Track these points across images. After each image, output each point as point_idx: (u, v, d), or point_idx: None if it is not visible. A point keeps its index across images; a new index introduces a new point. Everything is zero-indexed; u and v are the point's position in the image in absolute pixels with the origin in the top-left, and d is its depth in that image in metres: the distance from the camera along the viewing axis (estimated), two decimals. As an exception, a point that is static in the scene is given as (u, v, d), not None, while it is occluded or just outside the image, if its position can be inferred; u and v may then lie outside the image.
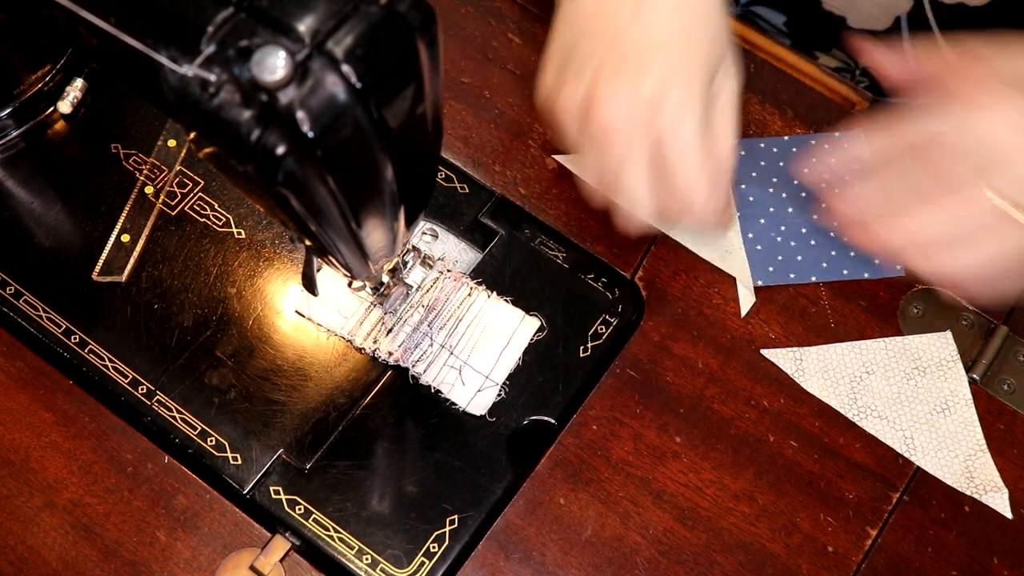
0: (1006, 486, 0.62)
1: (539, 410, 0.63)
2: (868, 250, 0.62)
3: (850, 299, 0.67)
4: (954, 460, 0.62)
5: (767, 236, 0.68)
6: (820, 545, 0.61)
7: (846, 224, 0.60)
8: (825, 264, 0.68)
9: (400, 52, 0.41)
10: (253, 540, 0.60)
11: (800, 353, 0.65)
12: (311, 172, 0.41)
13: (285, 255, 0.67)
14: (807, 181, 0.66)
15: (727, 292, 0.67)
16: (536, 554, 0.60)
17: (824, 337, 0.66)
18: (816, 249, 0.68)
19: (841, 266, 0.68)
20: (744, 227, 0.69)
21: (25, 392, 0.63)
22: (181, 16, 0.40)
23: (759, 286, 0.67)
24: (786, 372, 0.65)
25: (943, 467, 0.62)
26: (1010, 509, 0.62)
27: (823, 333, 0.66)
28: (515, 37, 0.75)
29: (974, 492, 0.62)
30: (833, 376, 0.65)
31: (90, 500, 0.61)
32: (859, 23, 0.81)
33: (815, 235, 0.68)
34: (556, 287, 0.66)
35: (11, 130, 0.70)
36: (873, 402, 0.64)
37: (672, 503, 0.61)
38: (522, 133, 0.72)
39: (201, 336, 0.64)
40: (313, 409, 0.63)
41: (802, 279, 0.67)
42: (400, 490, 0.61)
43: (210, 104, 0.39)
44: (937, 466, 0.62)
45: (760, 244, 0.68)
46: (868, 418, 0.64)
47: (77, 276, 0.66)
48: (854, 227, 0.59)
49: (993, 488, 0.62)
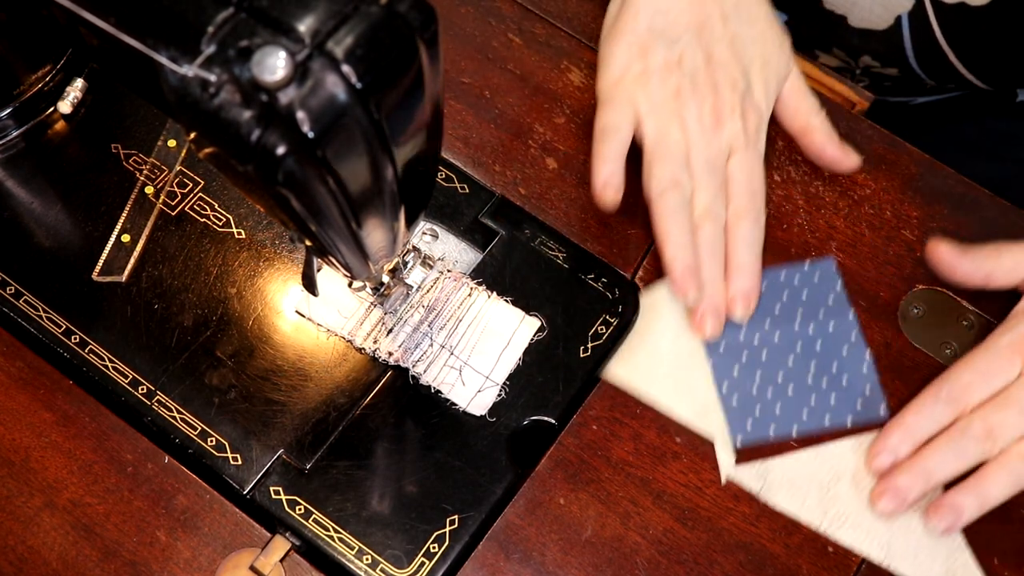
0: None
1: (539, 410, 0.63)
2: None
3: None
4: (933, 563, 0.60)
5: (742, 386, 0.64)
6: (820, 545, 0.61)
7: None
8: (805, 413, 0.63)
9: (400, 52, 0.41)
10: (253, 540, 0.60)
11: (764, 467, 0.62)
12: (311, 172, 0.41)
13: (285, 255, 0.67)
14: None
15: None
16: (536, 554, 0.60)
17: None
18: (794, 398, 0.63)
19: (822, 413, 0.63)
20: (717, 377, 0.64)
21: (25, 392, 0.63)
22: (181, 16, 0.40)
23: (739, 448, 0.62)
24: (751, 491, 0.61)
25: (923, 572, 0.60)
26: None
27: (823, 333, 0.66)
28: (515, 37, 0.75)
29: None
30: (800, 488, 0.61)
31: (90, 500, 0.61)
32: (860, 22, 0.81)
33: (792, 381, 0.64)
34: (556, 287, 0.66)
35: (11, 130, 0.70)
36: (844, 511, 0.61)
37: (672, 503, 0.61)
38: (522, 133, 0.72)
39: (201, 336, 0.64)
40: (313, 409, 0.63)
41: (782, 433, 0.63)
42: (400, 490, 0.61)
43: (210, 104, 0.39)
44: (917, 572, 0.59)
45: (736, 396, 0.64)
46: (842, 528, 0.60)
47: (77, 276, 0.66)
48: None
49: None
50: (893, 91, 0.88)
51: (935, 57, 0.81)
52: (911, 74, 0.84)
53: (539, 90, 0.73)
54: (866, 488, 0.61)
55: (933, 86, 0.86)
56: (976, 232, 0.69)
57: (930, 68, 0.83)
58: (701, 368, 0.64)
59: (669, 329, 0.65)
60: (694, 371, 0.64)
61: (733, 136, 0.66)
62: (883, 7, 0.80)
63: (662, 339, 0.65)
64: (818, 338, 0.65)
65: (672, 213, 0.64)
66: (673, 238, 0.64)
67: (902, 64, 0.83)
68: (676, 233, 0.64)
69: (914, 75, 0.84)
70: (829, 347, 0.65)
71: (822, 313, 0.66)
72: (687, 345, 0.65)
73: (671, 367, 0.64)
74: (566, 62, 0.74)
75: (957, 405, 0.60)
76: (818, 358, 0.65)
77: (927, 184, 0.71)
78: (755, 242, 0.65)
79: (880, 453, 0.60)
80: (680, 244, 0.63)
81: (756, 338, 0.65)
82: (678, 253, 0.63)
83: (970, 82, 0.83)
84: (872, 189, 0.71)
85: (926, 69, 0.83)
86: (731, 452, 0.62)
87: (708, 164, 0.65)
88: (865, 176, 0.71)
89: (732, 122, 0.66)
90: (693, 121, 0.66)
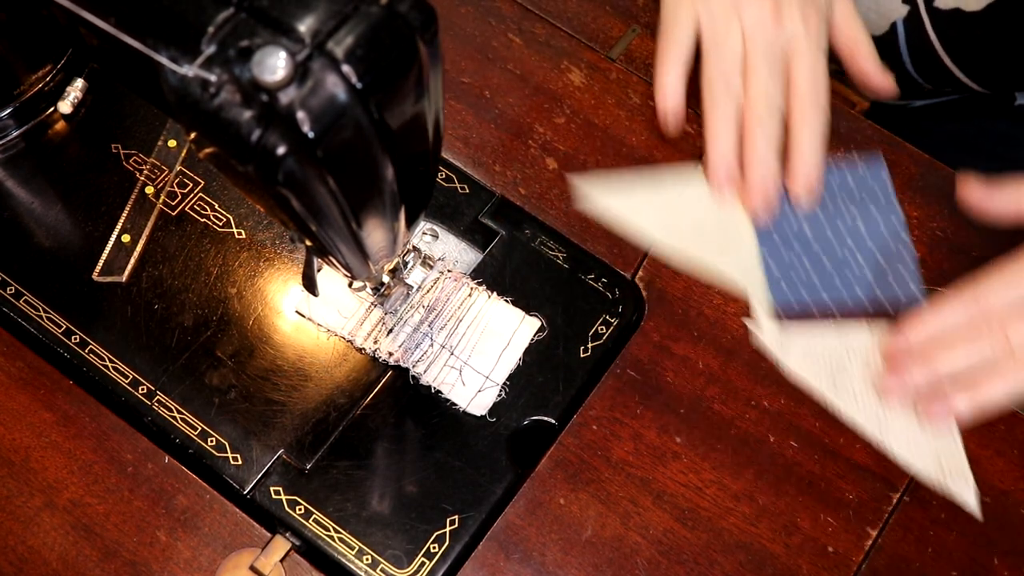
0: (1007, 486, 0.62)
1: (539, 410, 0.63)
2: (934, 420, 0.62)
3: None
4: (923, 447, 0.62)
5: (784, 257, 0.66)
6: (820, 545, 0.61)
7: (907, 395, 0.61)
8: (844, 291, 0.64)
9: (400, 52, 0.41)
10: (253, 540, 0.60)
11: (787, 332, 0.64)
12: (311, 172, 0.41)
13: (285, 255, 0.67)
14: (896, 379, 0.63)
15: (727, 292, 0.67)
16: (536, 554, 0.60)
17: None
18: (833, 275, 0.65)
19: (863, 293, 0.64)
20: (760, 243, 0.66)
21: (25, 392, 0.63)
22: (181, 16, 0.40)
23: (774, 309, 0.64)
24: (769, 353, 0.64)
25: (913, 454, 0.62)
26: (977, 504, 0.61)
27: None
28: (515, 37, 0.75)
29: (940, 477, 0.61)
30: (815, 358, 0.64)
31: (90, 500, 0.61)
32: None
33: (832, 260, 0.65)
34: (556, 287, 0.66)
35: (11, 130, 0.70)
36: (851, 386, 0.63)
37: (672, 503, 0.61)
38: (522, 133, 0.72)
39: (201, 336, 0.64)
40: (313, 409, 0.63)
41: (816, 302, 0.64)
42: (400, 490, 0.61)
43: (210, 104, 0.39)
44: (907, 453, 0.62)
45: (779, 271, 0.65)
46: (845, 401, 0.63)
47: (77, 276, 0.66)
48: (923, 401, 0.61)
49: (960, 476, 0.62)
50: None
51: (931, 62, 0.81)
52: (908, 79, 0.84)
53: (539, 90, 0.73)
54: (876, 369, 0.63)
55: (931, 90, 0.86)
56: (976, 232, 0.69)
57: (927, 73, 0.83)
58: (746, 234, 0.66)
59: (712, 199, 0.66)
60: (739, 236, 0.66)
61: (794, 34, 0.65)
62: (878, 14, 0.80)
63: (707, 207, 0.66)
64: (864, 228, 0.66)
65: (719, 107, 0.64)
66: (718, 135, 0.63)
67: (899, 69, 0.83)
68: (722, 130, 0.63)
69: (911, 80, 0.84)
70: (875, 237, 0.65)
71: (873, 208, 0.66)
72: (732, 214, 0.66)
73: (715, 231, 0.66)
74: (566, 62, 0.74)
75: (979, 307, 0.60)
76: (862, 245, 0.65)
77: (927, 184, 0.71)
78: (820, 130, 0.64)
79: (895, 337, 0.61)
80: (723, 145, 0.63)
81: (803, 221, 0.66)
82: (719, 151, 0.63)
83: (967, 86, 0.83)
84: (872, 189, 0.71)
85: (923, 74, 0.83)
86: (765, 312, 0.64)
87: (766, 57, 0.64)
88: (865, 176, 0.71)
89: (792, 22, 0.65)
90: (752, 18, 0.65)
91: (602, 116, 0.72)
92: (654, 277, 0.67)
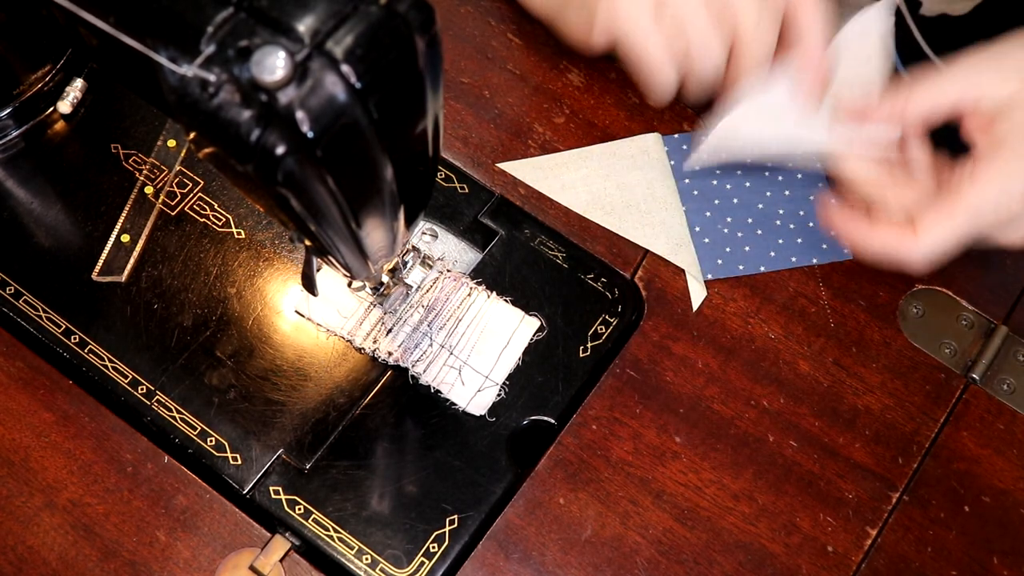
0: (1007, 486, 0.62)
1: (539, 410, 0.63)
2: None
3: (850, 299, 0.67)
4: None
5: (714, 228, 0.69)
6: (820, 545, 0.61)
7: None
8: (773, 253, 0.68)
9: (400, 52, 0.41)
10: (253, 540, 0.60)
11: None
12: (311, 172, 0.41)
13: (285, 255, 0.67)
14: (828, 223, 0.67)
15: (727, 292, 0.67)
16: (536, 554, 0.60)
17: (824, 337, 0.66)
18: (763, 239, 0.69)
19: (789, 254, 0.68)
20: (691, 220, 0.69)
21: (25, 392, 0.63)
22: (181, 16, 0.40)
23: (709, 279, 0.67)
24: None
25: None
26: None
27: (823, 333, 0.66)
28: (515, 37, 0.75)
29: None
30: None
31: (90, 500, 0.61)
32: None
33: (761, 225, 0.69)
34: (556, 287, 0.66)
35: (11, 130, 0.70)
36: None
37: (672, 503, 0.61)
38: (522, 133, 0.72)
39: (201, 336, 0.64)
40: (313, 409, 0.63)
41: (751, 270, 0.68)
42: (400, 490, 0.61)
43: (210, 104, 0.39)
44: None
45: (707, 237, 0.69)
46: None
47: (77, 276, 0.66)
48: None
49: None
50: None
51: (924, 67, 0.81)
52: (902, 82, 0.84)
53: (539, 90, 0.73)
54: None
55: None
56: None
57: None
58: (676, 211, 0.69)
59: (647, 177, 0.70)
60: (669, 213, 0.69)
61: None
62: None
63: (637, 186, 0.70)
64: (787, 186, 0.70)
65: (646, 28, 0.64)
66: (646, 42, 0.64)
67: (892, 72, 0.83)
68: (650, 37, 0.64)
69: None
70: (797, 193, 0.70)
71: (791, 163, 0.70)
72: (662, 190, 0.69)
73: (647, 210, 0.69)
74: (566, 62, 0.74)
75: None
76: (787, 203, 0.70)
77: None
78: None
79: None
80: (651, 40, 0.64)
81: (728, 186, 0.70)
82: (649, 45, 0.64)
83: None
84: (872, 189, 0.71)
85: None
86: (702, 286, 0.67)
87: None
88: (865, 176, 0.71)
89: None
90: None
91: (601, 116, 0.72)
92: (653, 277, 0.68)
